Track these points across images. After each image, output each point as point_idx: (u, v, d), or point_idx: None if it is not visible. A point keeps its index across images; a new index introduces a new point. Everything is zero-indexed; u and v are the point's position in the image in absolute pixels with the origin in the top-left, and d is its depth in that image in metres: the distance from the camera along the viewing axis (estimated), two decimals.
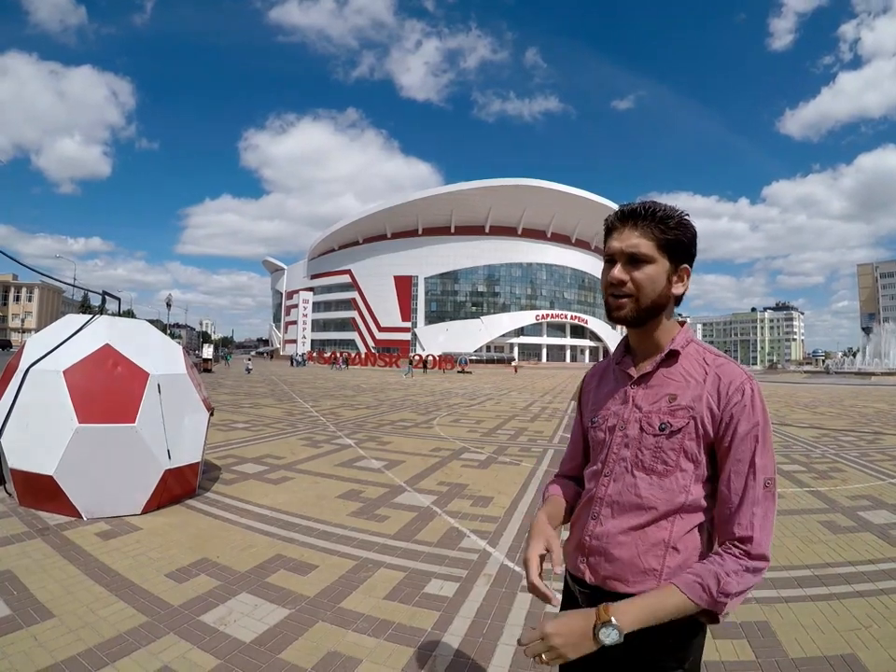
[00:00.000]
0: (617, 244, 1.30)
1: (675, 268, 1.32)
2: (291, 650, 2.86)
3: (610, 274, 1.31)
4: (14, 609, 3.13)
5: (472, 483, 6.60)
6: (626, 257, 1.29)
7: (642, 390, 1.36)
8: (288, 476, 6.74)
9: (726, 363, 1.30)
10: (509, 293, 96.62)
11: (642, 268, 1.28)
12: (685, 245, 1.31)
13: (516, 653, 2.88)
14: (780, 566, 4.05)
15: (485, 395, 22.63)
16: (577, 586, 1.39)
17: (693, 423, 1.26)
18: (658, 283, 1.29)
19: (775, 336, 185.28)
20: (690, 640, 1.29)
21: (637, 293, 1.29)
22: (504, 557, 4.23)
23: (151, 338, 5.95)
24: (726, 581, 1.17)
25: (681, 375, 1.31)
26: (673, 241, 1.29)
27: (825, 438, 10.95)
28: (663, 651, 1.27)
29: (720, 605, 1.17)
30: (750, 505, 1.21)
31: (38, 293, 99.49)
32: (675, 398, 1.29)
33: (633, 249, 1.28)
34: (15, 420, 4.91)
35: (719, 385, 1.26)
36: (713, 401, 1.25)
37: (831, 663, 2.76)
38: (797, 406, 19.14)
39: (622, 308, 1.30)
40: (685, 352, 1.34)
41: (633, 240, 1.28)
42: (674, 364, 1.33)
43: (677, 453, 1.27)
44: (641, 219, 1.28)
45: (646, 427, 1.31)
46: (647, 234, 1.28)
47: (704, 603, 1.17)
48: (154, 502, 5.08)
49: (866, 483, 6.58)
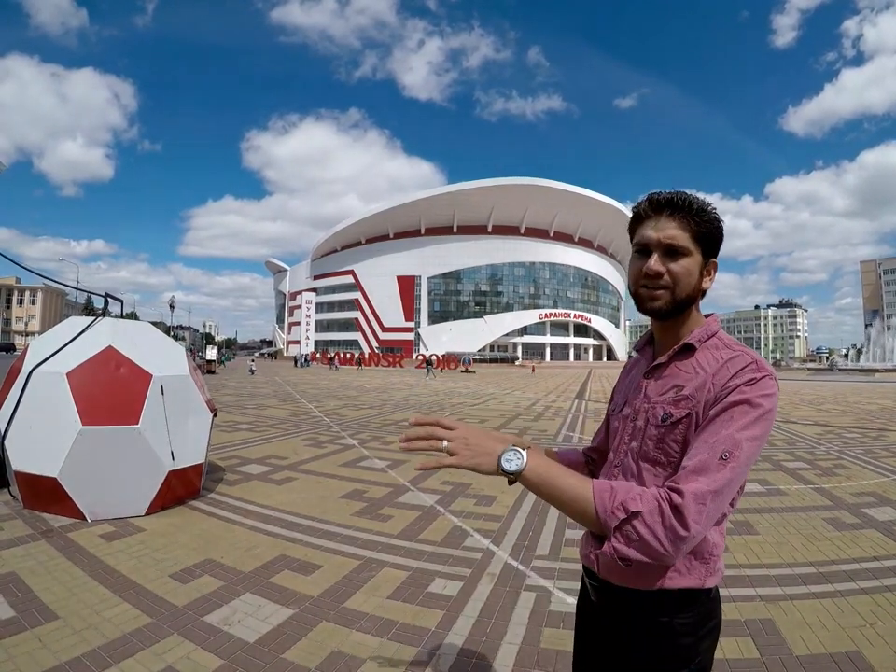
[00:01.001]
0: (653, 233, 1.26)
1: (706, 262, 1.30)
2: (295, 649, 2.86)
3: (647, 266, 1.25)
4: (19, 611, 3.13)
5: (476, 483, 6.59)
6: (664, 248, 1.25)
7: (654, 381, 1.34)
8: (292, 476, 6.75)
9: (742, 353, 1.23)
10: (512, 292, 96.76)
11: (679, 260, 1.25)
12: (717, 239, 1.29)
13: (520, 652, 2.88)
14: (785, 563, 4.04)
15: (488, 394, 22.62)
16: (588, 579, 1.39)
17: (693, 413, 1.21)
18: (693, 276, 1.27)
19: (778, 333, 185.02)
20: (699, 642, 1.27)
21: (674, 285, 1.25)
22: (508, 556, 4.22)
23: (154, 340, 5.97)
24: (633, 501, 1.11)
25: (693, 367, 1.27)
26: (707, 234, 1.27)
27: (829, 435, 10.93)
28: (670, 649, 1.25)
29: (610, 517, 1.11)
30: (696, 472, 1.12)
31: (41, 296, 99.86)
32: (681, 388, 1.25)
33: (671, 240, 1.24)
34: (19, 422, 4.92)
35: (723, 370, 1.21)
36: (712, 386, 1.20)
37: (836, 660, 2.75)
38: (801, 403, 19.11)
39: (657, 300, 1.27)
40: (705, 345, 1.29)
41: (670, 231, 1.25)
42: (689, 357, 1.29)
43: (679, 444, 1.22)
44: (678, 210, 1.25)
45: (651, 417, 1.29)
46: (684, 226, 1.24)
47: (601, 510, 1.12)
48: (158, 503, 5.08)
49: (870, 480, 6.54)
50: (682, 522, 1.07)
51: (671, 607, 1.24)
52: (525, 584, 3.73)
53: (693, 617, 1.25)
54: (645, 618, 1.25)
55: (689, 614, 1.24)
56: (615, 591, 1.28)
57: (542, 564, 4.09)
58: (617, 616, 1.30)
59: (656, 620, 1.24)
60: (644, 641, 1.25)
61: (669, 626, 1.23)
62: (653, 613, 1.24)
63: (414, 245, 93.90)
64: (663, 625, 1.24)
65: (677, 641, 1.24)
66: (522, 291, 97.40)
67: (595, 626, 1.39)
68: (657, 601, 1.24)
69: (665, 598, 1.23)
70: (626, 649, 1.27)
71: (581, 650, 1.46)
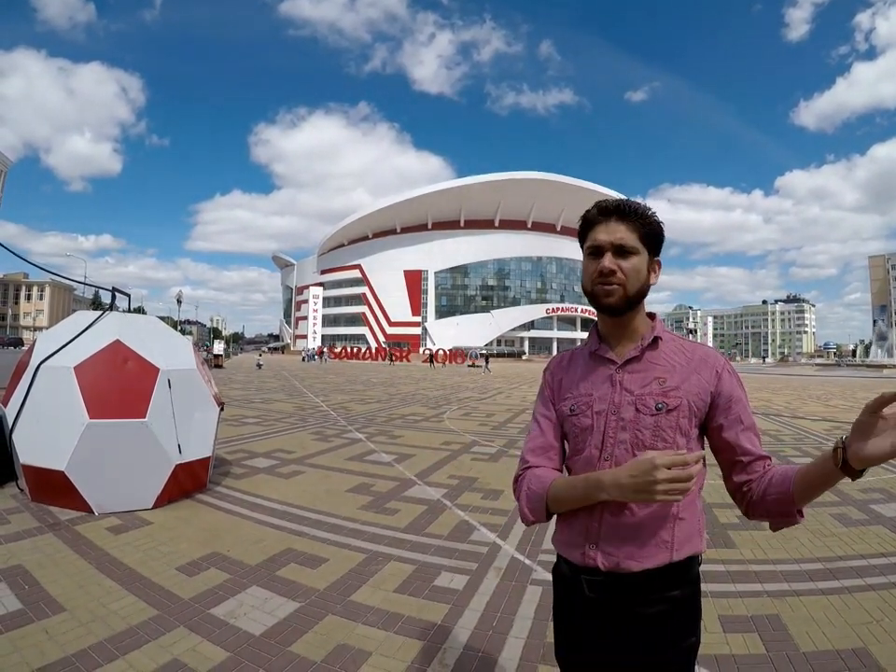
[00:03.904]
0: (604, 236, 1.38)
1: (651, 260, 1.43)
2: (301, 642, 2.87)
3: (602, 264, 1.37)
4: (26, 604, 3.16)
5: (483, 477, 6.60)
6: (615, 248, 1.37)
7: (629, 374, 1.41)
8: (299, 470, 6.78)
9: (703, 347, 1.45)
10: (519, 287, 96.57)
11: (629, 258, 1.37)
12: (659, 239, 1.43)
13: (526, 646, 2.87)
14: (792, 559, 4.02)
15: (495, 389, 22.63)
16: (584, 576, 1.39)
17: (685, 401, 1.35)
18: (642, 273, 1.39)
19: (786, 329, 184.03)
20: (699, 610, 1.40)
21: (626, 282, 1.37)
22: (514, 550, 4.22)
23: (161, 334, 5.99)
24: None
25: (665, 360, 1.41)
26: (652, 235, 1.40)
27: (837, 431, 10.85)
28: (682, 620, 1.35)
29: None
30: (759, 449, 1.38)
31: (49, 291, 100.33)
32: (665, 381, 1.38)
33: (622, 241, 1.36)
34: (26, 416, 4.95)
35: (705, 366, 1.39)
36: (703, 381, 1.38)
37: (842, 656, 2.73)
38: (809, 399, 19.04)
39: (611, 295, 1.37)
40: (664, 339, 1.44)
41: (620, 233, 1.37)
42: (656, 350, 1.43)
43: (673, 430, 1.35)
44: (625, 214, 1.38)
45: (641, 408, 1.37)
46: (631, 228, 1.38)
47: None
48: (165, 497, 5.11)
49: (878, 476, 6.54)
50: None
51: (679, 578, 1.35)
52: (532, 578, 3.72)
53: (693, 584, 1.38)
54: (658, 594, 1.33)
55: (691, 583, 1.37)
56: (621, 577, 1.34)
57: (549, 558, 4.06)
58: (624, 603, 1.34)
59: (667, 594, 1.33)
60: (661, 617, 1.33)
61: (681, 597, 1.35)
62: (665, 587, 1.34)
63: (421, 239, 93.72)
64: (674, 598, 1.34)
65: (685, 610, 1.36)
66: (529, 286, 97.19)
67: (592, 622, 1.39)
68: (668, 574, 1.33)
69: (673, 571, 1.33)
70: (643, 629, 1.33)
71: (575, 649, 1.45)
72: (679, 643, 1.34)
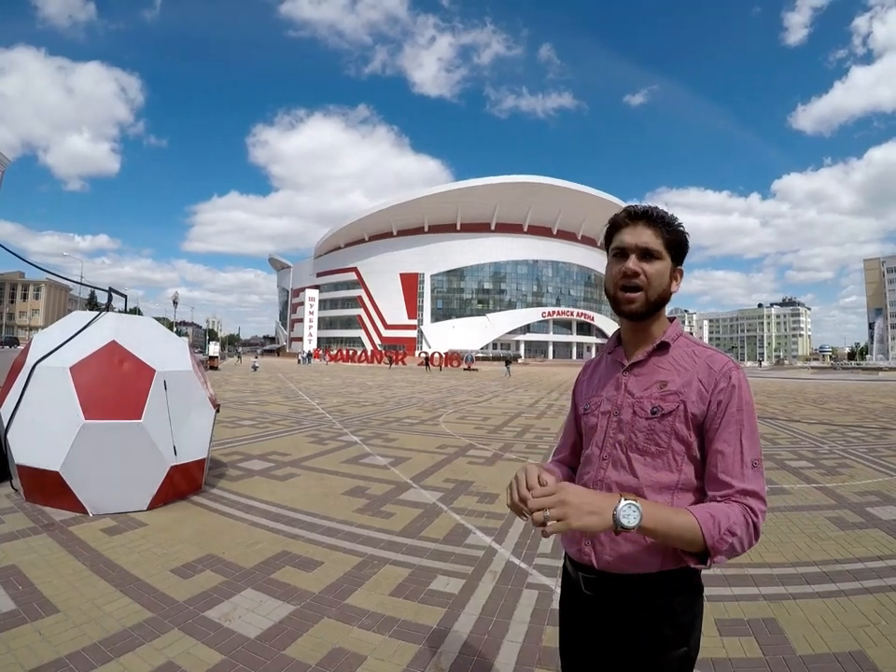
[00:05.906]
0: (630, 238, 1.39)
1: (674, 268, 1.43)
2: (296, 646, 2.85)
3: (626, 266, 1.38)
4: (19, 604, 3.14)
5: (478, 480, 6.59)
6: (640, 251, 1.38)
7: (633, 377, 1.44)
8: (294, 473, 6.75)
9: (714, 353, 1.40)
10: (515, 290, 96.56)
11: (653, 263, 1.38)
12: (684, 248, 1.44)
13: (522, 651, 2.86)
14: (788, 562, 4.02)
15: (491, 391, 22.62)
16: (580, 572, 1.42)
17: (682, 406, 1.34)
18: (664, 278, 1.40)
19: (782, 332, 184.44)
20: (695, 619, 1.36)
21: (648, 286, 1.38)
22: (510, 554, 4.21)
23: (157, 335, 5.97)
24: (735, 525, 1.22)
25: (671, 364, 1.40)
26: (676, 243, 1.41)
27: (833, 433, 10.89)
28: (672, 628, 1.32)
29: (720, 544, 1.20)
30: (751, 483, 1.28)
31: (45, 290, 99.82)
32: (665, 384, 1.38)
33: (647, 245, 1.37)
34: (21, 416, 4.93)
35: (707, 371, 1.35)
36: (702, 386, 1.34)
37: (839, 660, 2.73)
38: (805, 402, 19.06)
39: (633, 302, 1.38)
40: (676, 344, 1.43)
41: (646, 237, 1.38)
42: (665, 354, 1.43)
43: (668, 435, 1.34)
44: (652, 220, 1.39)
45: (638, 411, 1.39)
46: (657, 234, 1.38)
47: (709, 538, 1.20)
48: (160, 498, 5.09)
49: (874, 479, 6.50)
50: (758, 532, 1.25)
51: (670, 587, 1.32)
52: (528, 582, 3.72)
53: (689, 595, 1.36)
54: (647, 601, 1.32)
55: (686, 593, 1.35)
56: (614, 578, 1.35)
57: (544, 562, 4.07)
58: (616, 604, 1.36)
59: (656, 601, 1.32)
60: (646, 624, 1.32)
61: (670, 606, 1.32)
62: (654, 595, 1.32)
63: (418, 242, 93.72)
64: (663, 606, 1.32)
65: (677, 620, 1.33)
66: (525, 289, 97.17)
67: (588, 619, 1.42)
68: (658, 582, 1.32)
69: (666, 579, 1.32)
70: (628, 634, 1.34)
71: (572, 645, 1.50)
72: (669, 652, 1.32)
